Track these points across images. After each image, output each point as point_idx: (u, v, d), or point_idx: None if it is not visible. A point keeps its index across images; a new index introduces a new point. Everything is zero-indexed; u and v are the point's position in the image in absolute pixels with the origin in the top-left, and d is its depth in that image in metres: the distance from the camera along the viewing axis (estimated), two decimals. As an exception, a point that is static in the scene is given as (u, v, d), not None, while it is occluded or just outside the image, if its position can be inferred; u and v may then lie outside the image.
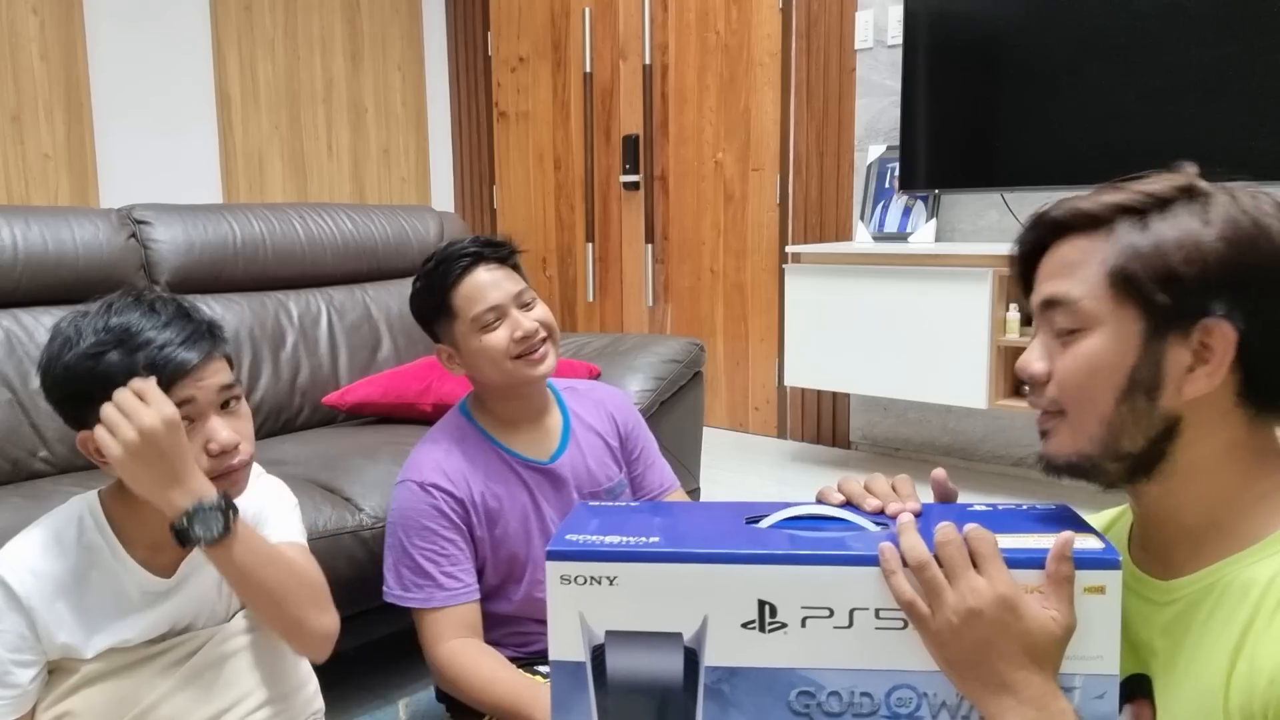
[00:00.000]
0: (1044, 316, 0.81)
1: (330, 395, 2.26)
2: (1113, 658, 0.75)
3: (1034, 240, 0.83)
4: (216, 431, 1.07)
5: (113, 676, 1.12)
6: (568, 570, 0.79)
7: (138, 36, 3.73)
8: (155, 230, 2.14)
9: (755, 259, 3.81)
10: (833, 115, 3.47)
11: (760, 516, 0.86)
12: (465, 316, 1.39)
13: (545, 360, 1.41)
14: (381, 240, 2.53)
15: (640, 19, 4.03)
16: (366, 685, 1.82)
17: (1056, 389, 0.80)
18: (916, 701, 0.77)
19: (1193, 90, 2.56)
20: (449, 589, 1.38)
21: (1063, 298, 0.78)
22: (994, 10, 2.89)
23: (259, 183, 4.10)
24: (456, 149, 4.78)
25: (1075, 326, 0.78)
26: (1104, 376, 0.77)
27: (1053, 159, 2.82)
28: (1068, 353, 0.79)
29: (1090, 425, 0.78)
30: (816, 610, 0.77)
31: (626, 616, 0.79)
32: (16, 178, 3.45)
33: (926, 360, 2.86)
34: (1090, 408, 0.78)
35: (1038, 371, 0.81)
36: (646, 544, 0.80)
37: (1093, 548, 0.76)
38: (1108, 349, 0.77)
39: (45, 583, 1.07)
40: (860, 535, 0.82)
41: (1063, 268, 0.80)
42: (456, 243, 1.42)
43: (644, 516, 0.89)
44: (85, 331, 1.05)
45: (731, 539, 0.81)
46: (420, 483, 1.40)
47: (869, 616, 0.77)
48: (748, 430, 3.89)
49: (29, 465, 1.83)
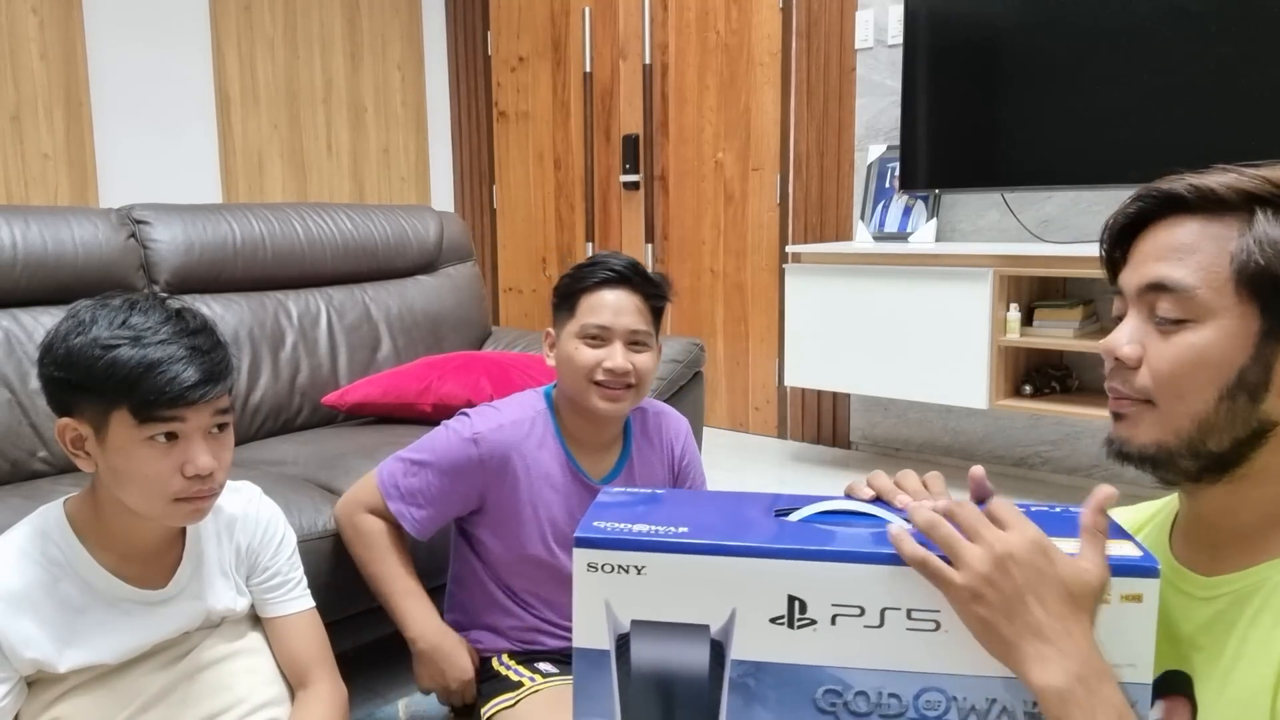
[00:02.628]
0: (1142, 299, 0.76)
1: (330, 395, 2.25)
2: (1146, 667, 0.74)
3: (1139, 213, 0.78)
4: (197, 455, 1.05)
5: (102, 680, 1.10)
6: (595, 558, 0.78)
7: (137, 36, 3.72)
8: (155, 230, 2.14)
9: (755, 259, 3.81)
10: (833, 115, 3.46)
11: (790, 509, 0.85)
12: (578, 319, 1.41)
13: (618, 403, 1.42)
14: (381, 240, 2.53)
15: (640, 18, 4.03)
16: (366, 685, 1.81)
17: (1151, 378, 0.75)
18: (945, 705, 0.76)
19: (1193, 90, 2.56)
20: (410, 513, 1.44)
21: (1175, 284, 0.73)
22: (994, 10, 2.89)
23: (259, 183, 4.10)
24: (456, 149, 4.78)
25: (1184, 317, 0.73)
26: (1210, 373, 0.73)
27: (1053, 159, 2.82)
28: (1170, 342, 0.74)
29: (1181, 420, 0.74)
30: (847, 608, 0.76)
31: (653, 606, 0.78)
32: (16, 178, 3.45)
33: (927, 360, 2.86)
34: (1187, 402, 0.74)
35: (1129, 355, 0.76)
36: (675, 534, 0.78)
37: (1130, 555, 0.75)
38: (1219, 345, 0.72)
39: (8, 601, 1.05)
40: None
41: (1173, 250, 0.74)
42: (620, 257, 1.44)
43: (673, 505, 0.87)
44: (101, 321, 1.04)
45: (761, 532, 0.79)
46: (473, 436, 1.43)
47: (901, 617, 0.75)
48: (748, 430, 3.89)
49: (28, 465, 1.83)
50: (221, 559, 1.20)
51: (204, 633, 1.19)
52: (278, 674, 1.23)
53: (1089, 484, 0.81)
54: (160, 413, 1.02)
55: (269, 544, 1.24)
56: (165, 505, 1.06)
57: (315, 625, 1.27)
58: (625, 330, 1.40)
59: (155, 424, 1.02)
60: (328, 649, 1.27)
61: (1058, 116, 2.79)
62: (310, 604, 1.28)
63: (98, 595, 1.09)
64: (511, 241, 4.69)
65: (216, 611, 1.19)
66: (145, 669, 1.13)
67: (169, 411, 1.02)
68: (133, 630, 1.11)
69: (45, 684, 1.09)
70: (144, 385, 1.00)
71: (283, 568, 1.25)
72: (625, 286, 1.41)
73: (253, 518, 1.24)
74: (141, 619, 1.12)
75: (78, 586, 1.09)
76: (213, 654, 1.17)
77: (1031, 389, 2.82)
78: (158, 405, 1.01)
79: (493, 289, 4.73)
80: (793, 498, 0.88)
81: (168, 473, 1.04)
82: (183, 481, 1.05)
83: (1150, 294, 0.75)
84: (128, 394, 1.01)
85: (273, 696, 1.20)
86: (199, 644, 1.18)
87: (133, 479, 1.04)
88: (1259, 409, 0.73)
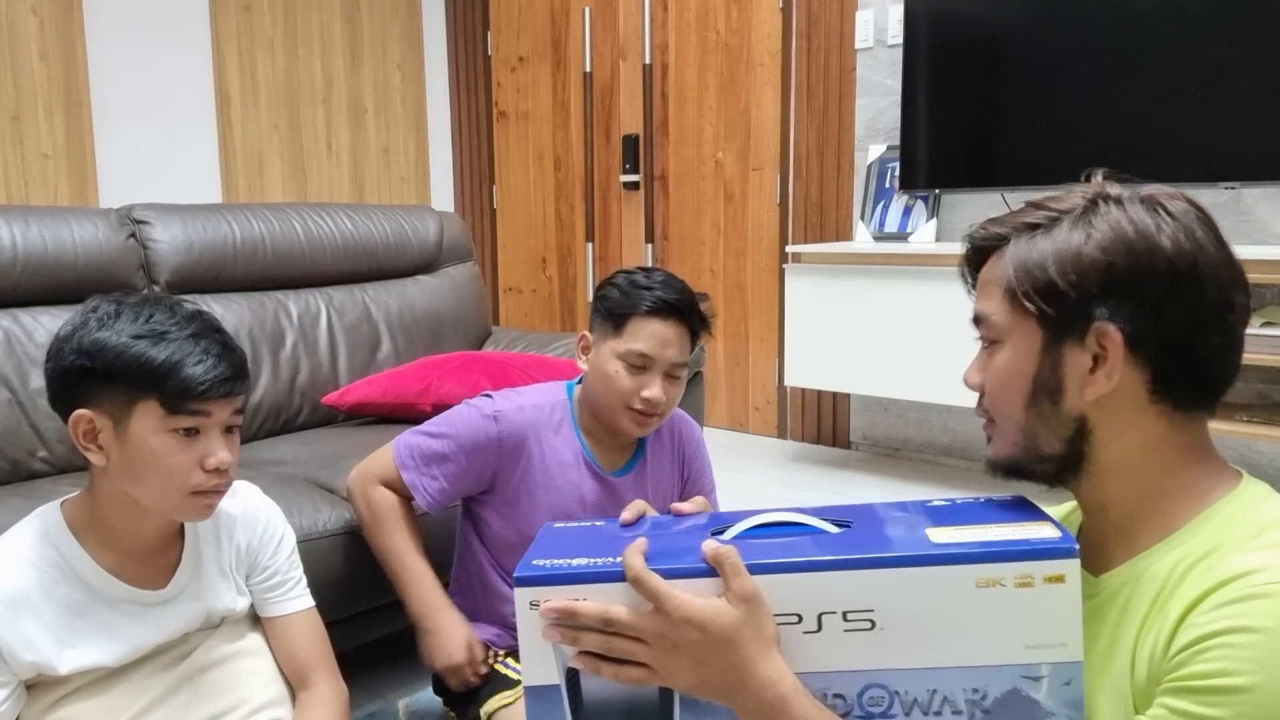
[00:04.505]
0: (978, 329, 0.87)
1: (330, 395, 2.25)
2: (1076, 644, 0.76)
3: (972, 259, 0.89)
4: (217, 449, 1.08)
5: (102, 683, 1.10)
6: (536, 595, 0.79)
7: (137, 36, 3.72)
8: (154, 230, 2.14)
9: (755, 259, 3.81)
10: (833, 115, 3.46)
11: (725, 527, 0.86)
12: (624, 341, 1.40)
13: (645, 427, 1.44)
14: (381, 240, 2.53)
15: (640, 18, 4.03)
16: (366, 685, 1.81)
17: (986, 399, 0.87)
18: (889, 700, 0.78)
19: (1193, 90, 2.56)
20: (424, 484, 1.45)
21: (982, 314, 0.85)
22: (994, 10, 2.89)
23: (258, 182, 4.10)
24: (456, 149, 4.78)
25: (993, 339, 0.84)
26: (1014, 384, 0.82)
27: (1053, 159, 2.82)
28: (989, 364, 0.85)
29: (1011, 430, 0.84)
30: (786, 617, 0.78)
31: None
32: (16, 178, 3.45)
33: (927, 360, 2.86)
34: (1008, 414, 0.84)
35: (972, 383, 0.88)
36: (613, 563, 0.80)
37: (1049, 536, 0.78)
38: (1014, 359, 0.82)
39: (7, 604, 1.05)
40: (819, 539, 0.82)
41: (984, 286, 0.86)
42: (674, 284, 1.43)
43: (612, 535, 0.89)
44: (126, 315, 1.06)
45: (696, 552, 0.80)
46: (494, 413, 1.45)
47: (837, 620, 0.77)
48: (748, 430, 3.89)
49: (28, 465, 1.83)
50: (221, 559, 1.21)
51: (204, 634, 1.19)
52: (278, 674, 1.23)
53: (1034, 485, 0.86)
54: (190, 405, 1.04)
55: (268, 543, 1.24)
56: (181, 499, 1.07)
57: (315, 625, 1.27)
58: (667, 362, 1.41)
59: (183, 416, 1.05)
60: (328, 649, 1.27)
61: (1058, 116, 2.79)
62: (310, 603, 1.28)
63: (97, 597, 1.09)
64: (511, 241, 4.69)
65: (216, 612, 1.19)
66: (146, 671, 1.13)
67: (198, 404, 1.04)
68: (133, 632, 1.11)
69: (45, 687, 1.09)
70: (177, 376, 1.03)
71: (282, 567, 1.25)
72: (676, 317, 1.41)
73: (252, 517, 1.24)
74: (142, 620, 1.12)
75: (77, 588, 1.08)
76: (213, 655, 1.17)
77: (1031, 389, 2.81)
78: (189, 397, 1.04)
79: (493, 289, 4.73)
80: (732, 514, 0.90)
81: (189, 465, 1.06)
82: (202, 475, 1.07)
83: (980, 326, 0.86)
84: (160, 384, 1.03)
85: (274, 697, 1.20)
86: (199, 645, 1.17)
87: (152, 471, 1.05)
88: (1064, 408, 0.80)
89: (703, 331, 1.47)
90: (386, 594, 1.56)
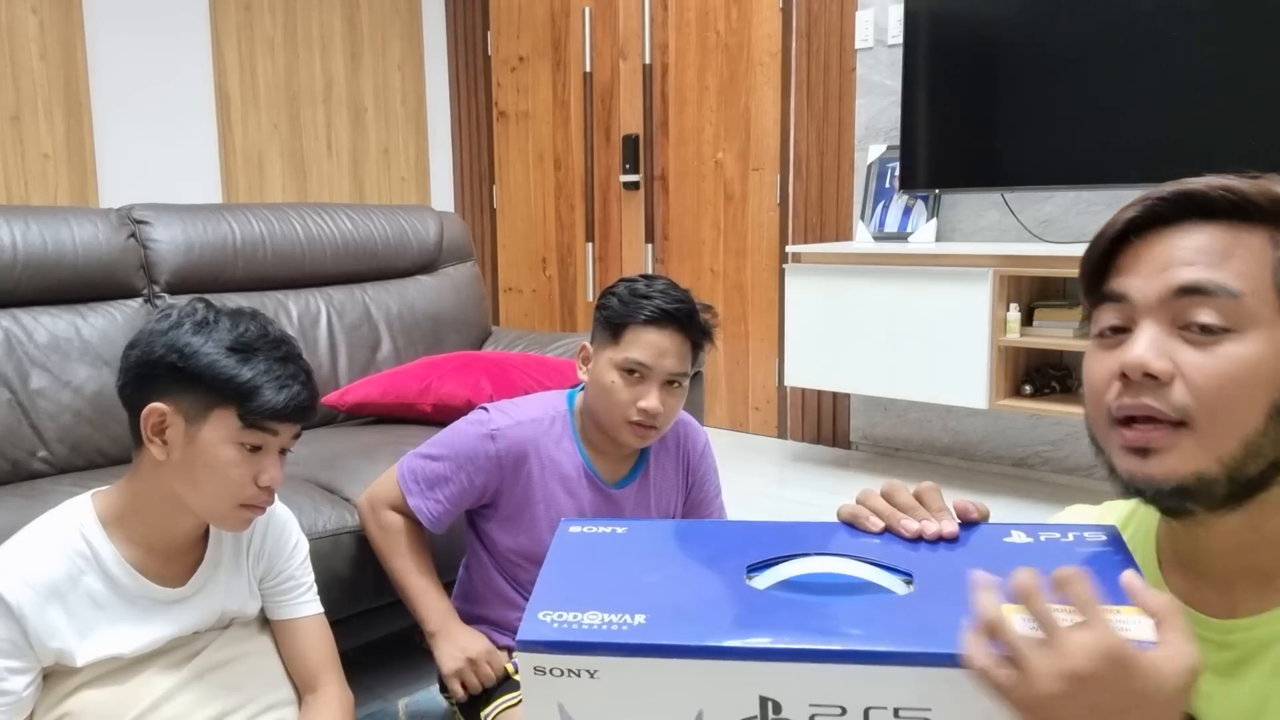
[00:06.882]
0: (1166, 307, 0.68)
1: (330, 395, 2.25)
2: None
3: (1153, 214, 0.71)
4: (272, 468, 1.12)
5: (113, 677, 1.12)
6: (542, 662, 0.69)
7: (137, 36, 3.72)
8: (154, 230, 2.14)
9: (755, 259, 3.81)
10: (833, 115, 3.46)
11: (765, 561, 0.76)
12: (622, 350, 1.40)
13: (645, 439, 1.44)
14: (381, 240, 2.53)
15: (640, 18, 4.03)
16: (366, 685, 1.81)
17: (1190, 395, 0.66)
18: None
19: (1193, 90, 2.56)
20: (426, 507, 1.47)
21: (1220, 289, 0.66)
22: (994, 10, 2.89)
23: (258, 182, 4.10)
24: (456, 149, 4.78)
25: (1227, 325, 0.66)
26: (1260, 388, 0.66)
27: (1053, 159, 2.82)
28: (1211, 354, 0.66)
29: (1227, 442, 0.66)
30: (827, 709, 0.67)
31: (611, 710, 0.70)
32: (16, 178, 3.45)
33: (927, 360, 2.86)
34: (1233, 421, 0.66)
35: (1164, 369, 0.67)
36: (631, 628, 0.69)
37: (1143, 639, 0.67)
38: (1269, 358, 0.66)
39: (38, 590, 1.07)
40: (878, 607, 0.71)
41: (1203, 255, 0.68)
42: (674, 292, 1.41)
43: (631, 569, 0.78)
44: (223, 325, 1.10)
45: (729, 616, 0.71)
46: (491, 431, 1.45)
47: (887, 715, 0.67)
48: (748, 430, 3.89)
49: (28, 465, 1.83)
50: (239, 562, 1.24)
51: (213, 633, 1.21)
52: (285, 676, 1.24)
53: (1088, 484, 0.78)
54: (266, 422, 1.09)
55: (284, 548, 1.27)
56: (230, 508, 1.12)
57: (324, 630, 1.29)
58: (665, 372, 1.40)
59: (254, 431, 1.09)
60: (335, 654, 1.29)
61: (1057, 116, 2.79)
62: (319, 609, 1.30)
63: (118, 590, 1.12)
64: (511, 241, 4.69)
65: (229, 612, 1.21)
66: (155, 668, 1.14)
67: (273, 423, 1.09)
68: (149, 625, 1.13)
69: (58, 678, 1.11)
70: (260, 395, 1.07)
71: (295, 572, 1.28)
72: (674, 327, 1.40)
73: (270, 523, 1.26)
74: (159, 615, 1.14)
75: (101, 581, 1.11)
76: (222, 655, 1.19)
77: (1031, 389, 2.82)
78: (267, 415, 1.08)
79: (493, 289, 4.73)
80: (770, 532, 0.80)
81: (245, 478, 1.10)
82: (254, 490, 1.11)
83: (1182, 300, 0.67)
84: (243, 399, 1.07)
85: (280, 698, 1.22)
86: (209, 644, 1.19)
87: (211, 477, 1.09)
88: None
89: (705, 342, 1.45)
90: (387, 594, 1.56)
